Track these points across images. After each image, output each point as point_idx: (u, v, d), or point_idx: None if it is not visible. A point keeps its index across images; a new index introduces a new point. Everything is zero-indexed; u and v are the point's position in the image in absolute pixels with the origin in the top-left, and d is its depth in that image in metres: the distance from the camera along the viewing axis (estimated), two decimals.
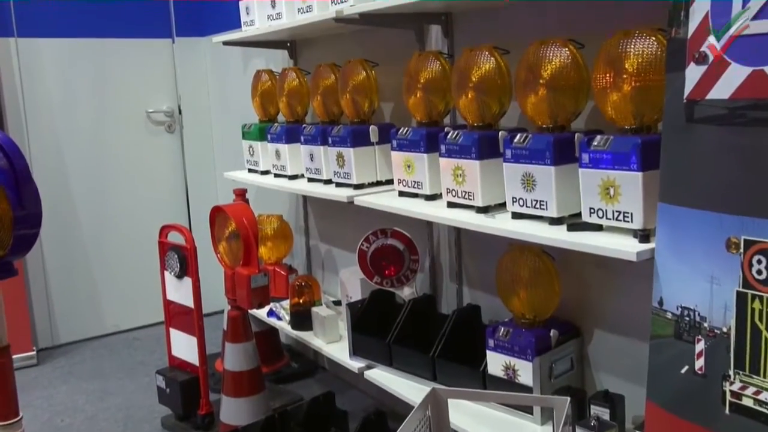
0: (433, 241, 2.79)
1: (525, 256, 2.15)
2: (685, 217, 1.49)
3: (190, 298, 3.08)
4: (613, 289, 2.13)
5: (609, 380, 2.16)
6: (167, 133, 4.48)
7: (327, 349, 2.86)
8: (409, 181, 2.34)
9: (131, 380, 3.72)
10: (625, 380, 2.11)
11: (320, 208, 3.52)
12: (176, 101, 4.49)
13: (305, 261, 3.66)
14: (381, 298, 2.74)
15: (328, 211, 3.45)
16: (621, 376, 2.13)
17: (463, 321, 2.42)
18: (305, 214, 3.62)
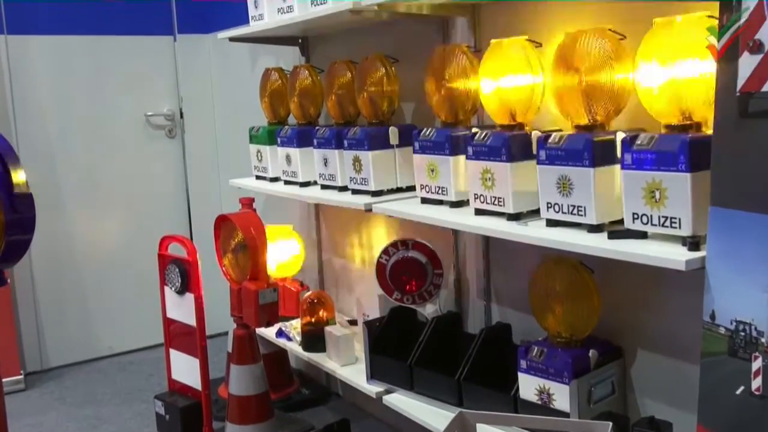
0: (458, 253, 2.79)
1: (561, 269, 2.15)
2: (740, 222, 1.48)
3: (192, 316, 3.10)
4: (659, 304, 2.12)
5: (654, 406, 2.14)
6: (168, 138, 4.52)
7: (341, 372, 2.87)
8: (432, 187, 2.35)
9: (127, 407, 3.74)
10: (673, 405, 2.10)
11: (334, 218, 3.53)
12: (178, 103, 4.53)
13: (317, 276, 3.67)
14: (401, 316, 2.74)
15: (343, 221, 3.47)
16: (668, 401, 2.11)
17: (492, 341, 2.41)
18: (318, 225, 3.64)
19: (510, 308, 2.61)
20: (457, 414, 1.81)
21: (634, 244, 1.73)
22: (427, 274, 2.72)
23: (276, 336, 3.32)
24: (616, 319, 2.23)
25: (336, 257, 3.56)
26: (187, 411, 3.13)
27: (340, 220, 3.48)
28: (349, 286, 3.44)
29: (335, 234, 3.55)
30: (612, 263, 2.15)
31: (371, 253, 2.91)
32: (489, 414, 1.85)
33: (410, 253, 2.72)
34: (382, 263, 2.75)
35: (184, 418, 3.13)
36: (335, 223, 3.54)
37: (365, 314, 2.95)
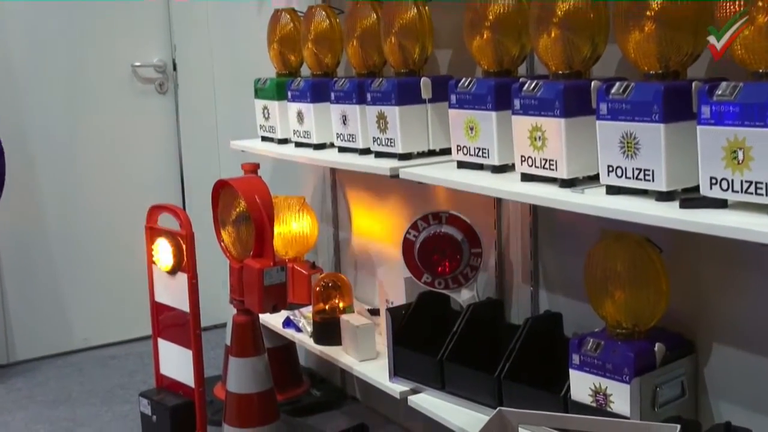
0: (501, 229, 2.80)
1: (622, 246, 2.15)
2: None
3: (185, 300, 3.13)
4: (740, 290, 2.12)
5: (732, 410, 2.15)
6: (158, 94, 4.55)
7: (359, 369, 2.89)
8: (471, 148, 2.36)
9: (107, 407, 3.79)
10: (755, 410, 2.10)
11: (354, 187, 3.55)
12: (170, 53, 4.56)
13: (333, 257, 3.69)
14: (431, 303, 2.76)
15: (364, 190, 3.48)
16: (748, 405, 2.12)
17: (539, 332, 2.43)
18: (334, 195, 3.65)
19: (561, 294, 2.62)
20: (495, 412, 1.83)
21: (711, 214, 1.74)
22: (463, 254, 2.73)
23: (283, 326, 3.35)
24: (687, 307, 2.23)
25: (355, 234, 3.58)
26: (177, 411, 3.17)
27: (361, 190, 3.50)
28: (371, 267, 3.46)
29: (355, 206, 3.57)
30: (684, 240, 2.17)
31: (397, 229, 2.92)
32: (534, 413, 1.87)
33: (443, 229, 2.74)
34: (409, 240, 2.76)
35: (174, 419, 3.17)
36: (355, 192, 3.55)
37: (389, 301, 2.96)
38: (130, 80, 4.49)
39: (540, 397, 2.26)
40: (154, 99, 4.55)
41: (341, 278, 3.25)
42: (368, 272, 3.49)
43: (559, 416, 1.87)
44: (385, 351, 2.78)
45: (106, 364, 4.32)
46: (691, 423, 2.09)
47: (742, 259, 2.10)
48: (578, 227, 2.47)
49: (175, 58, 4.56)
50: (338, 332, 3.06)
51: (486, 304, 2.67)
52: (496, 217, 2.80)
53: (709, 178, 1.76)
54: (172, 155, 4.60)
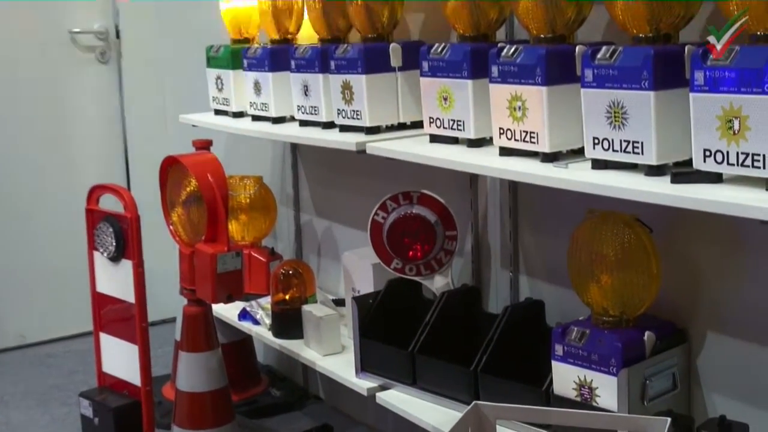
0: (477, 209, 2.82)
1: (610, 227, 2.17)
2: None
3: (130, 290, 3.13)
4: (737, 273, 2.14)
5: (727, 404, 2.18)
6: (99, 63, 4.53)
7: (323, 364, 2.90)
8: (445, 120, 2.37)
9: (44, 409, 3.78)
10: (751, 403, 2.13)
11: (317, 165, 3.55)
12: (112, 18, 4.54)
13: (293, 242, 3.70)
14: (402, 292, 2.77)
15: (327, 168, 3.49)
16: (745, 398, 2.15)
17: (520, 322, 2.45)
18: (295, 174, 3.66)
19: (543, 281, 2.64)
20: (471, 406, 1.85)
21: (705, 189, 1.75)
22: (436, 237, 2.74)
23: (239, 318, 3.36)
24: (680, 292, 2.26)
25: (318, 217, 3.58)
26: (122, 412, 3.17)
27: (325, 167, 3.51)
28: (335, 253, 3.47)
29: (318, 186, 3.57)
30: (677, 218, 2.19)
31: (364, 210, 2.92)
32: (513, 407, 1.89)
33: (415, 209, 2.74)
34: (378, 222, 2.77)
35: (119, 422, 3.16)
36: (318, 171, 3.56)
37: (355, 289, 2.97)
38: (68, 48, 4.46)
39: (520, 391, 2.28)
40: (95, 69, 4.52)
41: (303, 265, 3.25)
42: (332, 258, 3.50)
43: (539, 410, 1.89)
44: (351, 344, 2.79)
45: (42, 362, 4.30)
46: (683, 417, 2.12)
47: (740, 240, 2.12)
48: (562, 207, 2.49)
49: (118, 24, 4.54)
50: (299, 324, 3.06)
51: (461, 292, 2.68)
52: (472, 197, 2.82)
53: (703, 150, 1.77)
54: (114, 131, 4.58)
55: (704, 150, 1.77)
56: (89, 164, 4.46)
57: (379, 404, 2.64)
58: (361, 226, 2.97)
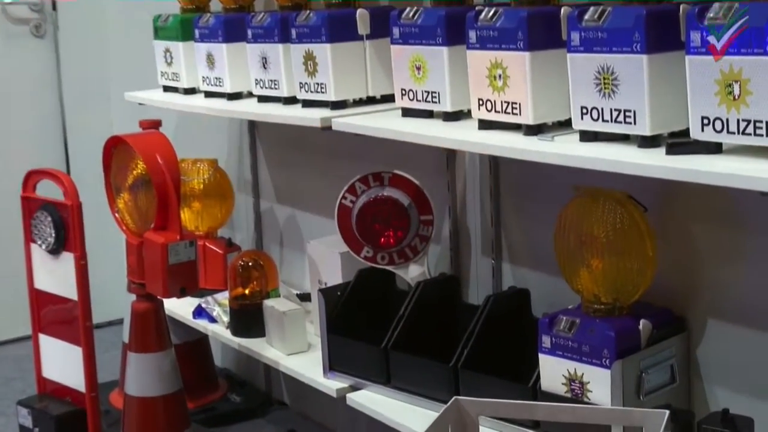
0: (455, 191, 2.83)
1: (600, 205, 2.18)
2: None
3: (72, 286, 3.12)
4: (740, 255, 2.16)
5: (730, 397, 2.20)
6: (34, 37, 4.51)
7: (287, 364, 2.91)
8: (419, 92, 2.38)
9: None
10: (755, 396, 2.15)
11: (278, 146, 3.55)
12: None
13: (253, 231, 3.70)
14: (373, 283, 2.78)
15: (289, 149, 3.49)
16: (748, 391, 2.17)
17: (503, 313, 2.46)
18: (254, 156, 3.66)
19: (528, 267, 2.66)
20: (452, 402, 1.86)
21: (703, 160, 1.77)
22: (411, 222, 2.75)
23: (194, 316, 3.35)
24: (678, 276, 2.28)
25: (279, 203, 3.58)
26: (64, 421, 3.16)
27: (286, 148, 3.51)
28: (299, 243, 3.48)
29: (279, 169, 3.57)
30: (673, 195, 2.21)
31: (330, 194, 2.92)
32: (497, 402, 1.91)
33: (386, 192, 2.75)
34: (345, 207, 2.78)
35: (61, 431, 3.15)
36: (279, 152, 3.56)
37: (322, 281, 2.98)
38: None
39: (504, 388, 2.28)
40: (30, 43, 4.50)
41: (263, 256, 3.25)
42: (296, 248, 3.51)
43: (525, 404, 1.91)
44: (318, 342, 2.80)
45: None
46: (683, 412, 2.14)
47: (744, 218, 2.14)
48: (548, 185, 2.50)
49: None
50: (260, 321, 3.06)
51: (439, 282, 2.69)
52: (449, 177, 2.82)
53: (701, 118, 1.79)
54: (52, 111, 4.55)
55: (702, 118, 1.79)
56: (24, 147, 4.43)
57: (349, 406, 2.65)
58: (328, 213, 2.98)
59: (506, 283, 2.71)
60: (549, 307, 2.44)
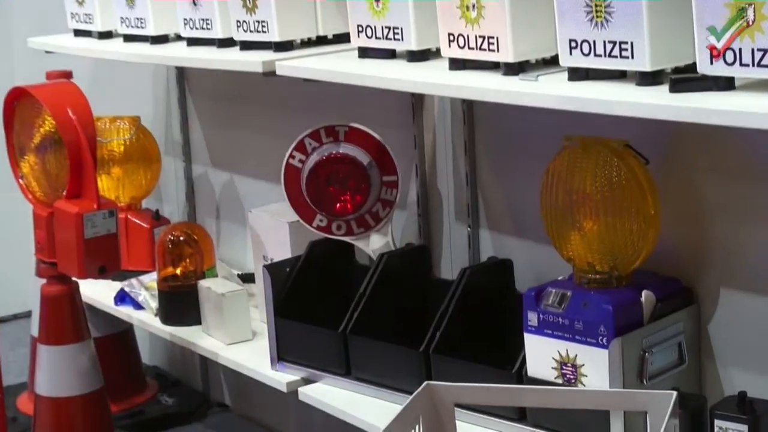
0: (423, 146, 2.84)
1: (593, 157, 2.18)
2: None
3: None
4: (757, 214, 2.17)
5: (747, 378, 2.21)
6: None
7: (228, 355, 2.91)
8: (378, 29, 2.38)
9: None
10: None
11: (212, 99, 3.55)
12: None
13: (184, 201, 3.70)
14: (329, 256, 2.79)
15: (226, 100, 3.48)
16: None
17: (482, 288, 2.48)
18: (183, 112, 3.65)
19: (510, 234, 2.67)
20: (422, 387, 1.87)
21: (713, 97, 1.78)
22: (371, 184, 2.74)
23: (116, 302, 3.35)
24: (685, 240, 2.29)
25: (215, 167, 3.59)
26: None
27: (222, 100, 3.50)
28: (239, 212, 3.48)
29: (214, 126, 3.57)
30: (679, 144, 2.22)
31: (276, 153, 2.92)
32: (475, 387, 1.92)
33: (342, 149, 2.75)
34: (293, 168, 2.77)
35: None
36: (213, 105, 3.56)
37: (267, 257, 2.98)
38: None
39: (484, 375, 2.29)
40: None
41: (197, 230, 3.25)
42: (236, 219, 3.51)
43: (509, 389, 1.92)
44: (264, 329, 2.80)
45: None
46: (694, 397, 2.16)
47: (761, 168, 2.14)
48: (532, 136, 2.51)
49: None
50: (195, 306, 3.06)
51: (406, 254, 2.70)
52: (416, 130, 2.82)
53: (707, 48, 1.79)
54: None
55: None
56: None
57: (302, 403, 2.66)
58: (273, 177, 2.98)
59: (485, 253, 2.72)
60: (535, 279, 2.46)
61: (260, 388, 2.79)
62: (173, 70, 3.59)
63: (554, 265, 2.35)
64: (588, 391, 1.99)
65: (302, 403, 2.66)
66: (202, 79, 3.49)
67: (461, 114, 2.69)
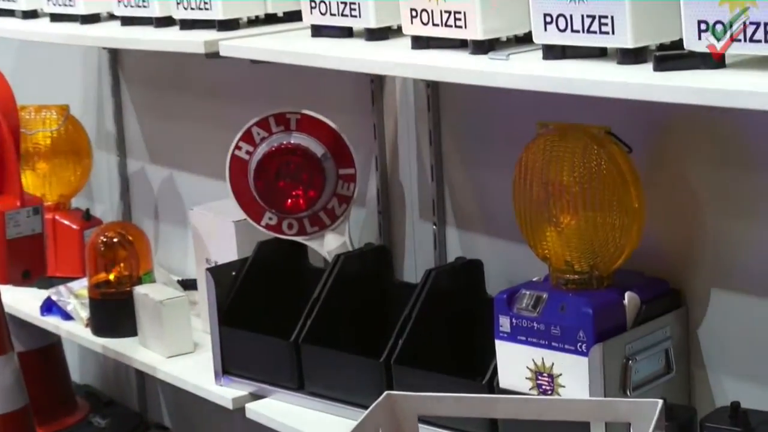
0: (383, 135, 2.85)
1: (571, 144, 2.18)
2: None
3: None
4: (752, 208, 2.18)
5: (740, 387, 2.22)
6: None
7: (167, 370, 2.91)
8: (333, 4, 2.37)
9: None
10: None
11: (149, 85, 3.55)
12: None
13: (118, 200, 3.69)
14: (279, 258, 2.79)
15: (165, 89, 3.48)
16: (764, 380, 2.19)
17: (448, 291, 2.48)
18: (117, 101, 3.65)
19: (480, 232, 2.68)
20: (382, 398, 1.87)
21: (702, 76, 1.79)
22: (326, 177, 2.75)
23: (42, 312, 3.33)
24: (672, 236, 2.30)
25: (153, 162, 3.58)
26: None
27: (161, 87, 3.50)
28: (179, 212, 3.49)
29: (151, 117, 3.57)
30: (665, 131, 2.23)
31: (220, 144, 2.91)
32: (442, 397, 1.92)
33: (294, 138, 2.75)
34: (240, 160, 2.77)
35: None
36: (151, 93, 3.55)
37: (210, 260, 2.97)
38: None
39: (452, 386, 2.29)
40: None
41: (133, 230, 3.24)
42: (176, 220, 3.51)
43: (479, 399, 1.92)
44: (208, 340, 2.80)
45: None
46: (682, 409, 2.16)
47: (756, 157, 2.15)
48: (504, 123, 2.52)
49: None
50: (131, 315, 3.06)
51: (365, 255, 2.71)
52: (375, 118, 2.83)
53: (697, 22, 1.79)
54: None
55: (699, 22, 1.79)
56: None
57: (250, 420, 2.66)
58: (217, 171, 2.97)
59: (452, 253, 2.72)
60: (508, 282, 2.47)
61: (203, 406, 2.78)
62: (105, 54, 3.58)
63: (529, 266, 2.37)
64: (566, 401, 1.99)
65: (250, 422, 2.66)
66: (138, 62, 3.48)
67: (426, 100, 2.69)
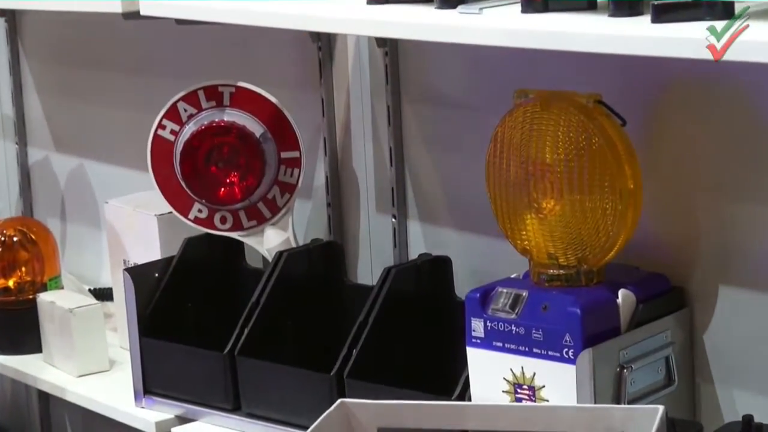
0: (333, 111, 2.86)
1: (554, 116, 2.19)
2: None
3: None
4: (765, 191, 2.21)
5: (751, 399, 2.24)
6: None
7: (79, 391, 2.92)
8: None
9: None
10: None
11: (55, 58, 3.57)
12: None
13: (18, 194, 3.70)
14: (210, 258, 2.81)
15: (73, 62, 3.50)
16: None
17: (411, 293, 2.51)
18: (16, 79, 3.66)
19: (448, 225, 2.70)
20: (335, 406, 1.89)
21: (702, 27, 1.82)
22: (266, 162, 2.76)
23: None
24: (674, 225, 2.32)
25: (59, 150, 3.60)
26: None
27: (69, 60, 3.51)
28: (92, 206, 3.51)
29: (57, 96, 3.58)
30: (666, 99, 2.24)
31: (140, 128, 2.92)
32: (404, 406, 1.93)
33: (227, 116, 2.76)
34: (164, 141, 2.78)
35: None
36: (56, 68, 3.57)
37: (128, 261, 2.98)
38: None
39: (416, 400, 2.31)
40: None
41: (36, 228, 3.24)
42: (87, 217, 3.52)
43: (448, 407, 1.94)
44: (126, 355, 2.80)
45: None
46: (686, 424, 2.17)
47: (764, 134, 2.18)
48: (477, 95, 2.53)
49: None
50: (35, 327, 3.06)
51: (311, 253, 2.72)
52: (323, 90, 2.84)
53: None
54: None
55: None
56: None
57: None
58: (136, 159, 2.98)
59: (415, 249, 2.74)
60: (480, 281, 2.45)
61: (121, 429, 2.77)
62: (2, 23, 3.59)
63: (505, 262, 2.39)
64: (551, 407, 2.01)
65: None
66: (40, 31, 3.49)
67: (383, 68, 2.71)
